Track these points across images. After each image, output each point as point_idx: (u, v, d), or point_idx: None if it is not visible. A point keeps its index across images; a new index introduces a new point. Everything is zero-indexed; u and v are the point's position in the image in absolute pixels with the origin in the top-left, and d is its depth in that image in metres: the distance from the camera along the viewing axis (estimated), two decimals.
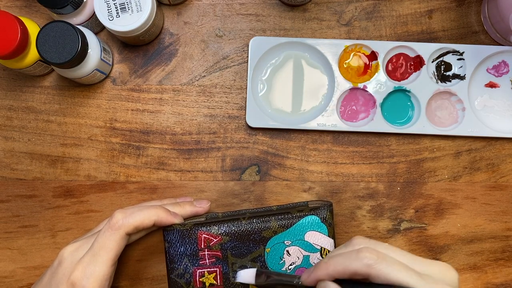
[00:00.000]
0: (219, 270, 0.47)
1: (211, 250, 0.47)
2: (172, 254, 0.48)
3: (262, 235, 0.48)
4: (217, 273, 0.47)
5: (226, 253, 0.47)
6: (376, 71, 0.55)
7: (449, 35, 0.56)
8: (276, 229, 0.48)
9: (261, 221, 0.48)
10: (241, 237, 0.48)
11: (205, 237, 0.47)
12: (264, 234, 0.48)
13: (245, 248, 0.48)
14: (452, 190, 0.56)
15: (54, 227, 0.55)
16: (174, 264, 0.48)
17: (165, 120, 0.56)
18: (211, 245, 0.47)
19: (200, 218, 0.50)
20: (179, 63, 0.56)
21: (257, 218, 0.48)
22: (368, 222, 0.55)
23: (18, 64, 0.51)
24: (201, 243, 0.47)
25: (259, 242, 0.48)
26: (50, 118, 0.56)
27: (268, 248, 0.48)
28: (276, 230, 0.48)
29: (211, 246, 0.47)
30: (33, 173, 0.55)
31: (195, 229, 0.48)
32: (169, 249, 0.48)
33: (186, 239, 0.47)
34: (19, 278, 0.55)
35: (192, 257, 0.47)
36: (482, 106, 0.56)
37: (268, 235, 0.48)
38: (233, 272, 0.47)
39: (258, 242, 0.48)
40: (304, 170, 0.55)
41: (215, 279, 0.47)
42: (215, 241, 0.47)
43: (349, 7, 0.56)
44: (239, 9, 0.56)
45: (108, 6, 0.49)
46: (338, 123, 0.54)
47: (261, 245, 0.48)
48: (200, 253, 0.47)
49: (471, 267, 0.55)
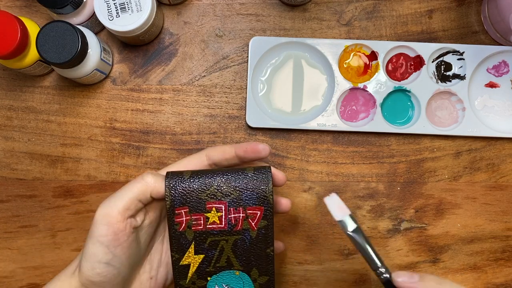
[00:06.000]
0: (225, 207, 0.41)
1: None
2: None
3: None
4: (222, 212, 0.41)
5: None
6: (376, 71, 0.55)
7: (449, 35, 0.56)
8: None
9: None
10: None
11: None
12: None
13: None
14: (452, 190, 0.56)
15: (54, 227, 0.55)
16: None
17: (165, 120, 0.56)
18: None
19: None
20: (179, 63, 0.56)
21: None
22: (368, 222, 0.55)
23: (18, 64, 0.51)
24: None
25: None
26: (50, 118, 0.56)
27: None
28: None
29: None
30: (33, 173, 0.55)
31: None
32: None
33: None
34: (19, 278, 0.55)
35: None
36: (482, 106, 0.56)
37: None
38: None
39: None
40: (304, 170, 0.55)
41: (220, 219, 0.41)
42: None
43: (349, 7, 0.56)
44: (239, 9, 0.56)
45: (108, 6, 0.49)
46: (338, 123, 0.54)
47: None
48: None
49: (471, 267, 0.55)
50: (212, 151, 0.43)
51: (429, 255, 0.55)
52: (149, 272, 0.43)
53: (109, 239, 0.38)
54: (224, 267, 0.41)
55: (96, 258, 0.39)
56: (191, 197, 0.40)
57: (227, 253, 0.41)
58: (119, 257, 0.39)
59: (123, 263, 0.40)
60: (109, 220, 0.38)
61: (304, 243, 0.55)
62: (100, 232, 0.38)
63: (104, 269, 0.39)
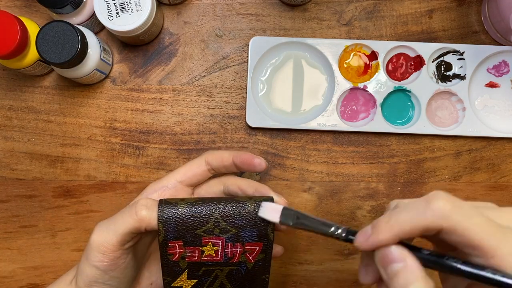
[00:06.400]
0: (222, 243, 0.40)
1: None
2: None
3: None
4: (219, 246, 0.40)
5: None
6: (376, 71, 0.55)
7: (449, 35, 0.56)
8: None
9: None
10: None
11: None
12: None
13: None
14: (452, 190, 0.55)
15: (53, 227, 0.55)
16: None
17: (165, 120, 0.56)
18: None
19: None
20: (179, 63, 0.56)
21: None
22: (369, 222, 0.55)
23: (18, 64, 0.50)
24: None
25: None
26: (50, 118, 0.56)
27: None
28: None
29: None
30: (33, 173, 0.55)
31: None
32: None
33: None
34: (19, 278, 0.55)
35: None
36: (482, 106, 0.56)
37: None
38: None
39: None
40: (304, 170, 0.55)
41: (216, 252, 0.40)
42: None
43: (349, 7, 0.56)
44: (239, 9, 0.56)
45: (108, 6, 0.49)
46: (338, 123, 0.54)
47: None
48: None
49: None
50: (211, 157, 0.43)
51: None
52: (148, 279, 0.43)
53: (105, 265, 0.38)
54: None
55: (92, 278, 0.38)
56: (186, 232, 0.38)
57: (221, 279, 0.40)
58: (117, 277, 0.39)
59: (121, 280, 0.39)
60: (105, 250, 0.38)
61: (304, 243, 0.55)
62: (96, 258, 0.38)
63: (102, 287, 0.39)
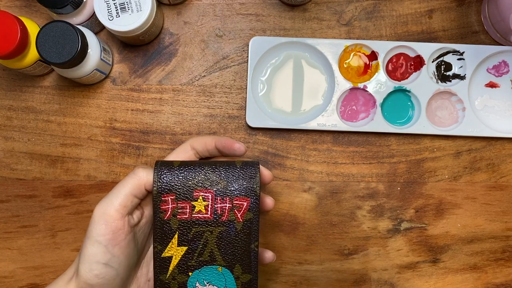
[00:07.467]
0: (212, 197, 0.41)
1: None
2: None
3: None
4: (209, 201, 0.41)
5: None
6: (376, 71, 0.55)
7: (449, 35, 0.56)
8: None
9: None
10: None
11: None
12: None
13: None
14: (452, 190, 0.55)
15: (54, 227, 0.55)
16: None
17: (165, 120, 0.56)
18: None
19: None
20: (179, 63, 0.56)
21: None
22: (368, 222, 0.55)
23: (18, 64, 0.51)
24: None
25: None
26: (50, 118, 0.56)
27: None
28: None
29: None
30: (33, 173, 0.55)
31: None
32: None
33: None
34: (19, 278, 0.55)
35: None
36: (482, 106, 0.56)
37: None
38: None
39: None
40: (304, 170, 0.55)
41: (206, 208, 0.41)
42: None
43: (349, 7, 0.56)
44: (239, 9, 0.56)
45: (108, 6, 0.49)
46: (338, 123, 0.54)
47: None
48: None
49: (471, 267, 0.55)
50: (195, 142, 0.44)
51: (429, 255, 0.55)
52: (146, 275, 0.43)
53: (108, 238, 0.38)
54: (207, 262, 0.41)
55: (94, 258, 0.38)
56: (179, 184, 0.40)
57: (210, 246, 0.41)
58: (118, 257, 0.39)
59: (122, 263, 0.39)
60: (107, 218, 0.38)
61: (304, 243, 0.55)
62: (98, 231, 0.38)
63: (103, 270, 0.39)
